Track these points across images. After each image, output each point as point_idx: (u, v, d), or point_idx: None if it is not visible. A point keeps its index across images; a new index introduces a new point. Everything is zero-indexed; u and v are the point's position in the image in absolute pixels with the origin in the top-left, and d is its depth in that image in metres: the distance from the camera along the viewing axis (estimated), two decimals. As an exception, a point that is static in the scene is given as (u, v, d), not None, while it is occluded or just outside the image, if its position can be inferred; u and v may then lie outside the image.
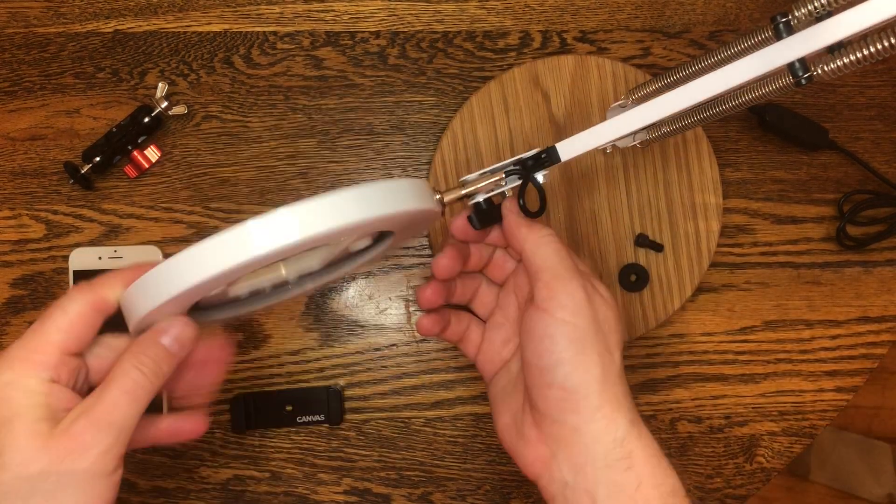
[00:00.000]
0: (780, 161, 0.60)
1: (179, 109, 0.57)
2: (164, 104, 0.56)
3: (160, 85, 0.56)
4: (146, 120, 0.56)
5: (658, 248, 0.56)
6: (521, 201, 0.42)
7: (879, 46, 0.33)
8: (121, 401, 0.35)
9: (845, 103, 0.60)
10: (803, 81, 0.36)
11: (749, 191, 0.59)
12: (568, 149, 0.42)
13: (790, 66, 0.36)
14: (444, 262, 0.43)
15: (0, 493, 0.34)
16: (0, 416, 0.35)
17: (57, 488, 0.34)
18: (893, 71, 0.61)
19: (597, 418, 0.38)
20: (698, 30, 0.60)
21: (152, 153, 0.57)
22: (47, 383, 0.36)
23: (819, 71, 0.35)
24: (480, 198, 0.42)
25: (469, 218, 0.43)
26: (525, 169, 0.42)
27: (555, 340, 0.39)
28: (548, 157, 0.42)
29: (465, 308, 0.47)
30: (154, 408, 0.37)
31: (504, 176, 0.42)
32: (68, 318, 0.37)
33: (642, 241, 0.56)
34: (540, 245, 0.41)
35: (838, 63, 0.34)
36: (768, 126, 0.58)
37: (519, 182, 0.42)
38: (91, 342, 0.38)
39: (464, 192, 0.42)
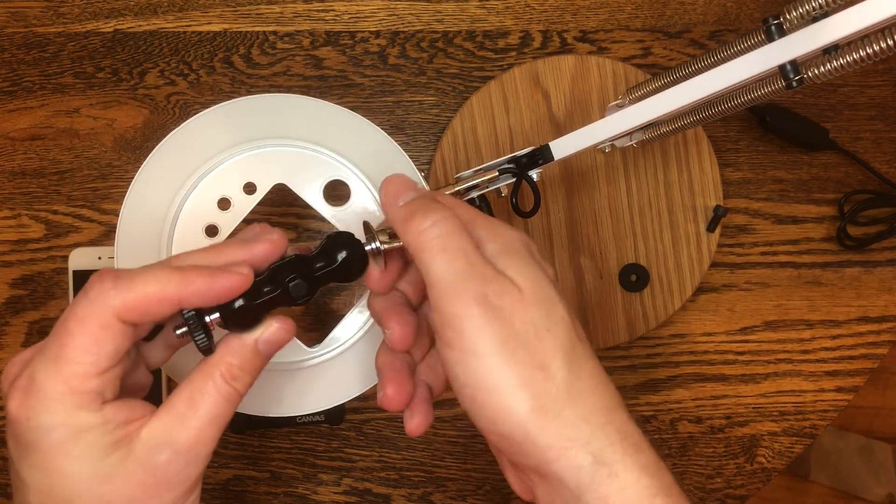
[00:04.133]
0: (781, 161, 0.60)
1: None
2: None
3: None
4: None
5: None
6: (513, 200, 0.42)
7: (871, 50, 0.33)
8: (210, 429, 0.31)
9: (846, 103, 0.60)
10: (794, 84, 0.36)
11: (750, 191, 0.59)
12: (561, 147, 0.42)
13: (781, 68, 0.36)
14: (397, 337, 0.35)
15: None
16: (59, 464, 0.30)
17: None
18: (894, 71, 0.61)
19: (550, 459, 0.30)
20: (699, 30, 0.60)
21: None
22: (100, 413, 0.30)
23: (810, 73, 0.35)
24: (475, 194, 0.42)
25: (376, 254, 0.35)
26: (519, 167, 0.42)
27: (461, 381, 0.31)
28: (542, 156, 0.42)
29: None
30: (153, 398, 0.35)
31: (498, 174, 0.42)
32: (90, 334, 0.30)
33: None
34: (420, 248, 0.31)
35: (831, 65, 0.34)
36: (769, 126, 0.58)
37: (513, 180, 0.42)
38: (131, 347, 0.32)
39: (456, 188, 0.41)
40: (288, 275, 0.34)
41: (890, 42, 0.32)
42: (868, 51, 0.33)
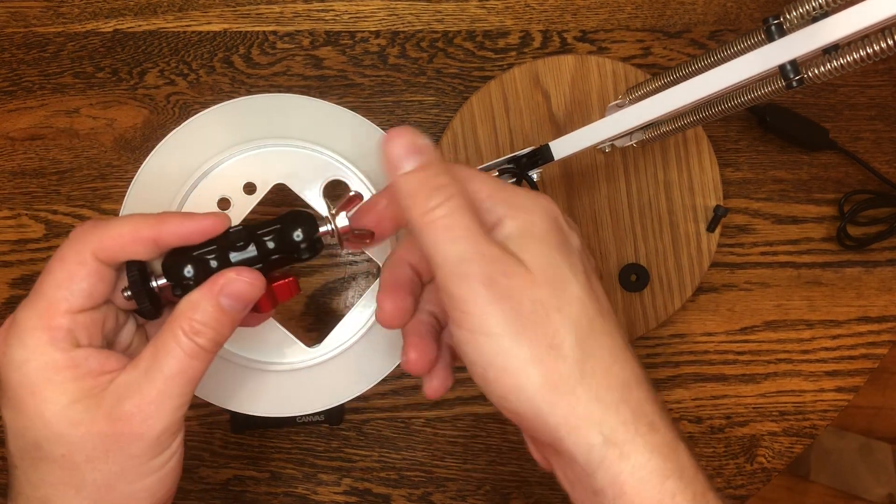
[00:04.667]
0: (781, 161, 0.60)
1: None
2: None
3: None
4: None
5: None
6: None
7: (871, 50, 0.33)
8: (174, 383, 0.32)
9: (846, 103, 0.60)
10: (794, 84, 0.36)
11: (750, 191, 0.59)
12: (561, 147, 0.42)
13: (781, 68, 0.36)
14: (389, 308, 0.35)
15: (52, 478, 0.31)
16: (27, 404, 0.31)
17: (111, 473, 0.31)
18: (894, 71, 0.61)
19: (561, 436, 0.30)
20: (699, 29, 0.60)
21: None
22: (69, 353, 0.31)
23: (810, 73, 0.35)
24: None
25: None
26: (519, 167, 0.42)
27: (472, 359, 0.31)
28: (542, 156, 0.42)
29: None
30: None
31: (499, 174, 0.42)
32: (66, 270, 0.32)
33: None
34: (424, 226, 0.30)
35: (831, 65, 0.34)
36: (769, 126, 0.58)
37: (513, 180, 0.42)
38: (113, 288, 0.34)
39: None
40: (235, 247, 0.34)
41: (890, 42, 0.32)
42: (868, 51, 0.33)
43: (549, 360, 0.30)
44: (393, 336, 0.46)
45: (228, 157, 0.45)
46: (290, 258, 0.35)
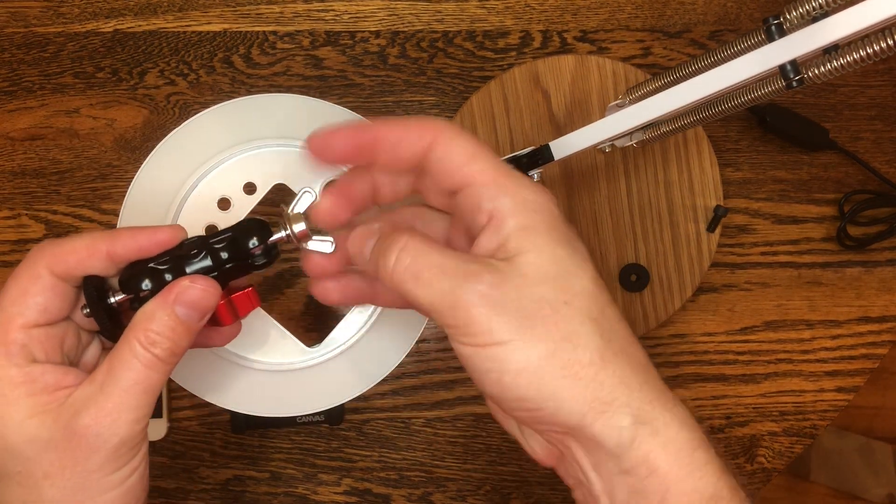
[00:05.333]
0: (781, 161, 0.60)
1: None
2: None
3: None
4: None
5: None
6: None
7: (871, 50, 0.33)
8: (130, 395, 0.31)
9: (846, 103, 0.60)
10: (794, 84, 0.36)
11: (750, 191, 0.59)
12: (561, 147, 0.42)
13: (781, 68, 0.36)
14: (326, 207, 0.34)
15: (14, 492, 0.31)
16: None
17: (69, 491, 0.31)
18: (894, 71, 0.61)
19: (586, 424, 0.29)
20: (699, 29, 0.60)
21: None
22: (24, 368, 0.31)
23: (810, 73, 0.35)
24: None
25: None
26: (519, 167, 0.42)
27: (485, 367, 0.30)
28: (542, 156, 0.42)
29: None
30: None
31: None
32: (20, 286, 0.32)
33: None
34: (400, 288, 0.30)
35: (831, 65, 0.34)
36: (769, 126, 0.58)
37: None
38: (72, 306, 0.33)
39: None
40: (191, 257, 0.34)
41: (890, 42, 0.32)
42: (868, 51, 0.33)
43: (565, 351, 0.29)
44: (394, 336, 0.46)
45: (228, 157, 0.45)
46: (247, 266, 0.35)
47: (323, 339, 0.46)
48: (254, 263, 0.35)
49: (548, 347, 0.29)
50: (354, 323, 0.46)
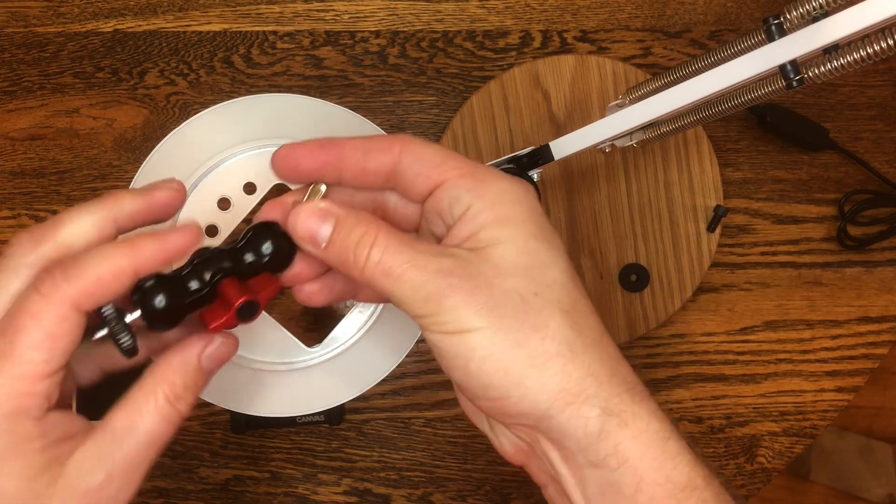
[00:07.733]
0: (781, 161, 0.60)
1: None
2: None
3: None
4: None
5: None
6: None
7: (871, 50, 0.33)
8: (147, 452, 0.29)
9: (846, 103, 0.60)
10: (794, 84, 0.36)
11: (750, 191, 0.59)
12: (561, 147, 0.42)
13: (781, 68, 0.36)
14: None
15: None
16: None
17: None
18: (894, 71, 0.61)
19: (552, 415, 0.29)
20: (699, 29, 0.60)
21: None
22: (41, 421, 0.29)
23: (810, 73, 0.35)
24: None
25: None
26: (519, 167, 0.42)
27: (453, 353, 0.30)
28: (542, 156, 0.42)
29: None
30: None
31: None
32: (44, 329, 0.28)
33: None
34: (372, 283, 0.30)
35: (831, 65, 0.34)
36: (769, 126, 0.58)
37: None
38: (78, 343, 0.30)
39: None
40: (213, 269, 0.31)
41: (890, 42, 0.32)
42: (868, 51, 0.33)
43: (533, 341, 0.29)
44: (393, 336, 0.46)
45: (228, 157, 0.45)
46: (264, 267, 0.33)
47: (323, 339, 0.46)
48: (274, 266, 0.33)
49: (516, 337, 0.29)
50: (354, 323, 0.46)
